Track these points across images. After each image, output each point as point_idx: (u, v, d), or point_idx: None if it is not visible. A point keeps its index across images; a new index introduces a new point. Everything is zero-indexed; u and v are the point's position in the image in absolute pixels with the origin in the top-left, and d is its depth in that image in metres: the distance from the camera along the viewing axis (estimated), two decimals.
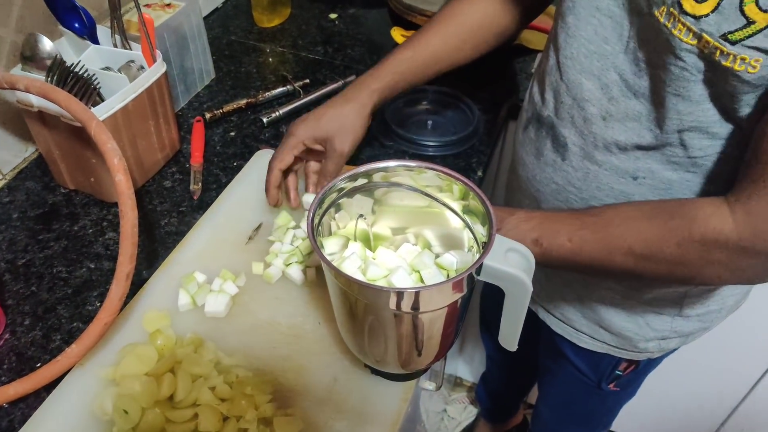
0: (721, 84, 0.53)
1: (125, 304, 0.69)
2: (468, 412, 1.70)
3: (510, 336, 0.59)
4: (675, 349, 0.86)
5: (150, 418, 0.59)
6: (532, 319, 0.91)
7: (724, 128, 0.58)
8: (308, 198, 0.79)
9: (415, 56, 0.80)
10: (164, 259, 0.77)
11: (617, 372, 0.89)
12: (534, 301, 0.90)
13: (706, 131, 0.58)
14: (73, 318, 0.72)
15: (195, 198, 0.87)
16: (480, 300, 1.30)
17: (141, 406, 0.59)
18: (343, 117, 0.77)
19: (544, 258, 0.63)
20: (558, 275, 0.82)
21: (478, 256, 0.55)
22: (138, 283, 0.75)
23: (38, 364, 0.67)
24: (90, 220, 0.84)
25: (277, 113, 1.00)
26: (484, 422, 1.64)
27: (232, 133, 0.99)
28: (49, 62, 0.76)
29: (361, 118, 0.78)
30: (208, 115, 0.99)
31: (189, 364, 0.63)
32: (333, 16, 1.28)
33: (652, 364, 0.89)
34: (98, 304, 0.74)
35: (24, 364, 0.68)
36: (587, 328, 0.83)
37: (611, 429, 1.17)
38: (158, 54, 0.84)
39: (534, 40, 1.18)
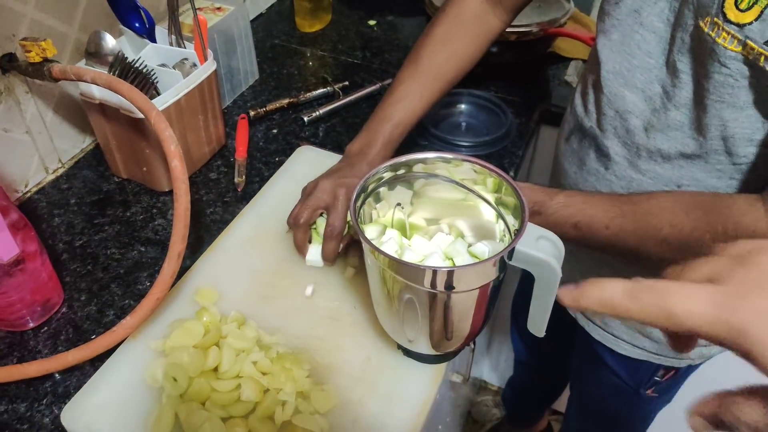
0: (765, 89, 0.55)
1: (174, 282, 0.74)
2: (492, 415, 1.72)
3: (538, 321, 0.62)
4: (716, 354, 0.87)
5: (197, 386, 0.63)
6: (565, 321, 0.93)
7: None
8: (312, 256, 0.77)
9: (403, 122, 0.81)
10: (209, 245, 0.82)
11: (656, 378, 0.90)
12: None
13: (750, 137, 0.60)
14: (125, 295, 0.77)
15: (239, 190, 0.92)
16: (512, 303, 1.32)
17: (189, 375, 0.63)
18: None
19: (582, 241, 0.65)
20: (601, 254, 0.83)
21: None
22: (183, 267, 0.79)
23: (93, 336, 0.72)
24: (141, 207, 0.89)
25: (317, 113, 1.05)
26: (508, 426, 1.65)
27: (275, 131, 1.03)
28: (110, 58, 0.81)
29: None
30: (252, 113, 1.04)
31: (233, 339, 0.67)
32: (372, 22, 1.33)
33: (691, 369, 0.90)
34: (148, 284, 0.79)
35: (80, 335, 0.73)
36: (627, 335, 0.85)
37: None
38: (209, 53, 0.89)
39: (567, 47, 1.21)
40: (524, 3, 0.82)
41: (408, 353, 0.68)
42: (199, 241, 0.85)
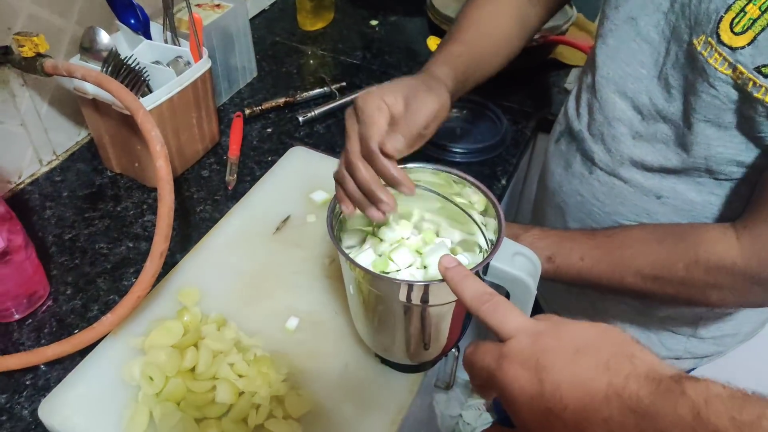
0: (750, 114, 0.55)
1: (158, 280, 0.74)
2: (483, 419, 1.72)
3: None
4: (688, 371, 0.87)
5: (173, 386, 0.63)
6: None
7: (751, 155, 0.59)
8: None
9: (471, 51, 0.72)
10: (197, 242, 0.82)
11: None
12: (550, 311, 0.92)
13: (733, 158, 0.60)
14: (111, 291, 0.78)
15: (230, 188, 0.92)
16: None
17: (165, 374, 0.64)
18: (430, 80, 0.64)
19: (557, 275, 0.66)
20: (576, 287, 0.84)
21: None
22: (171, 263, 0.80)
23: (76, 331, 0.73)
24: (132, 203, 0.90)
25: (313, 113, 1.05)
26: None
27: (269, 130, 1.04)
28: (105, 54, 0.82)
29: (445, 97, 0.64)
30: (247, 111, 1.04)
31: (211, 341, 0.67)
32: (374, 22, 1.32)
33: None
34: (134, 280, 0.79)
35: (63, 329, 0.74)
36: None
37: None
38: (204, 51, 0.89)
39: (568, 55, 1.20)
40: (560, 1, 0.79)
41: (385, 362, 0.68)
42: (186, 239, 0.85)
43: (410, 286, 0.54)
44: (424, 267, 0.61)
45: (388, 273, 0.61)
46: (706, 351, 0.81)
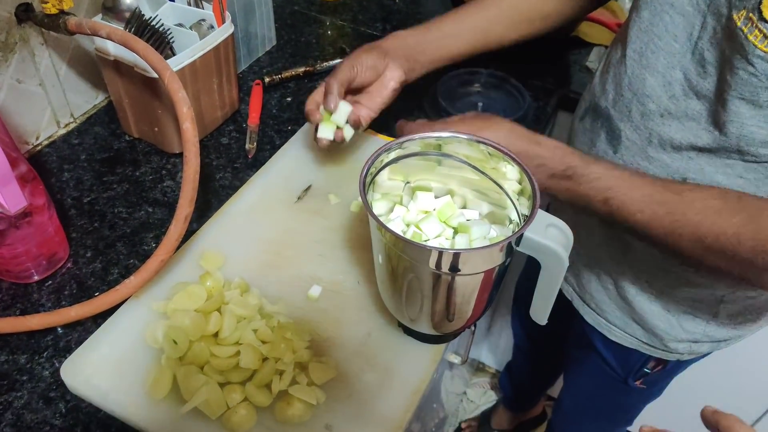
0: None
1: (180, 245, 0.74)
2: (487, 397, 1.73)
3: (541, 309, 0.61)
4: (706, 354, 0.86)
5: (196, 349, 0.63)
6: (564, 310, 0.93)
7: None
8: (343, 106, 0.78)
9: (460, 34, 0.84)
10: (217, 209, 0.82)
11: (645, 369, 0.90)
12: (571, 289, 0.91)
13: (766, 139, 0.59)
14: (131, 255, 0.77)
15: (249, 156, 0.91)
16: (515, 287, 1.32)
17: (189, 338, 0.64)
18: (408, 48, 0.85)
19: (610, 218, 0.62)
20: (598, 266, 0.83)
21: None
22: (189, 231, 0.79)
23: (96, 293, 0.73)
24: (150, 168, 0.89)
25: None
26: (503, 409, 1.66)
27: (289, 99, 1.02)
28: (127, 14, 0.80)
29: (405, 70, 0.83)
30: (267, 80, 1.03)
31: (235, 306, 0.67)
32: None
33: (681, 365, 0.90)
34: (153, 245, 0.79)
35: (83, 292, 0.73)
36: (620, 321, 0.84)
37: (629, 430, 1.18)
38: (228, 15, 0.88)
39: (591, 33, 1.18)
40: None
41: (408, 331, 0.68)
42: (206, 206, 0.84)
43: (440, 253, 0.54)
44: (454, 231, 0.61)
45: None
46: (724, 335, 0.80)
